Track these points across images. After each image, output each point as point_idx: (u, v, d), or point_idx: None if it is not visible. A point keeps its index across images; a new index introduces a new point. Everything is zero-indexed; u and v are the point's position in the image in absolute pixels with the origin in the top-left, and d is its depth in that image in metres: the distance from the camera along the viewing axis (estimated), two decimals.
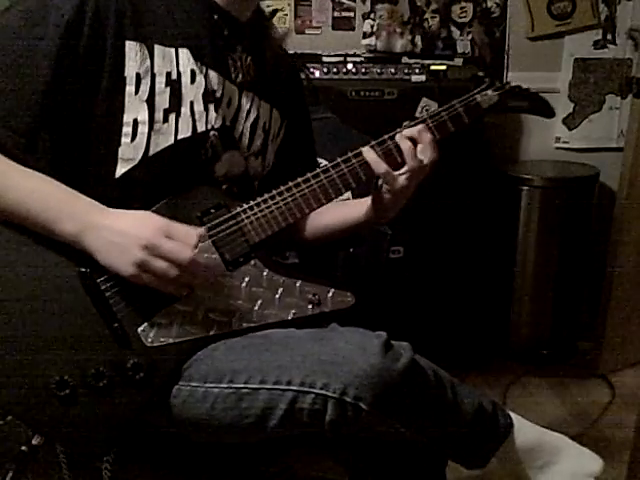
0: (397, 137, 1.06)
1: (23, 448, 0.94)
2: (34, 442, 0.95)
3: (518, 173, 2.42)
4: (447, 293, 2.30)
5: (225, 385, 0.97)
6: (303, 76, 2.07)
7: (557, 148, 2.65)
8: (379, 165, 1.05)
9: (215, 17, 1.07)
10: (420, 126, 1.06)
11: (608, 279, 2.37)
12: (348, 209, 1.21)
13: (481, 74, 2.19)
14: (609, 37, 2.53)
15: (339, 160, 1.06)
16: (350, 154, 1.06)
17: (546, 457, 1.11)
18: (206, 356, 1.01)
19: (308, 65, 2.12)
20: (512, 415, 1.11)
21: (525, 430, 1.10)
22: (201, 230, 1.00)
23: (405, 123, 1.08)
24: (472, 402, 1.05)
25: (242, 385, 0.96)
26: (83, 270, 0.96)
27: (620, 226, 2.30)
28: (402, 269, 2.22)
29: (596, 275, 2.48)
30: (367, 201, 1.16)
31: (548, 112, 1.15)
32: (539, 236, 2.42)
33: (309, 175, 1.05)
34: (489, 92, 1.10)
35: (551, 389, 2.35)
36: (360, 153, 1.06)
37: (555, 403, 2.26)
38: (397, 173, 1.06)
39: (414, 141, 1.06)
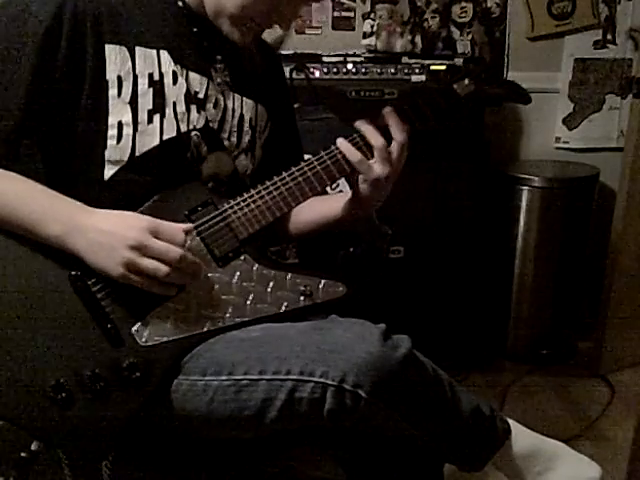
0: (361, 126, 1.06)
1: (23, 454, 0.94)
2: (33, 448, 0.94)
3: (518, 173, 2.42)
4: (447, 293, 2.30)
5: (224, 377, 0.98)
6: (303, 76, 2.09)
7: (557, 148, 2.65)
8: (353, 154, 1.04)
9: (195, 30, 1.08)
10: (387, 109, 1.06)
11: (608, 279, 2.37)
12: (331, 204, 1.21)
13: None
14: (609, 37, 2.53)
15: (322, 153, 1.06)
16: (333, 146, 1.06)
17: (544, 463, 1.11)
18: (205, 350, 1.02)
19: (308, 65, 2.12)
20: (510, 421, 1.11)
21: (523, 436, 1.10)
22: (188, 225, 1.00)
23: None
24: (470, 403, 1.05)
25: (241, 377, 0.97)
26: (73, 273, 0.96)
27: (620, 226, 2.30)
28: (402, 269, 2.22)
29: (596, 275, 2.48)
30: (349, 195, 1.16)
31: (524, 99, 1.16)
32: (539, 236, 2.42)
33: (294, 169, 1.06)
34: (465, 80, 1.10)
35: (551, 389, 2.35)
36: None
37: (555, 403, 2.26)
38: (371, 161, 1.05)
39: (383, 126, 1.05)
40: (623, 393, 2.30)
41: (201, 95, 1.08)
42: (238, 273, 1.04)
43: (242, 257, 1.05)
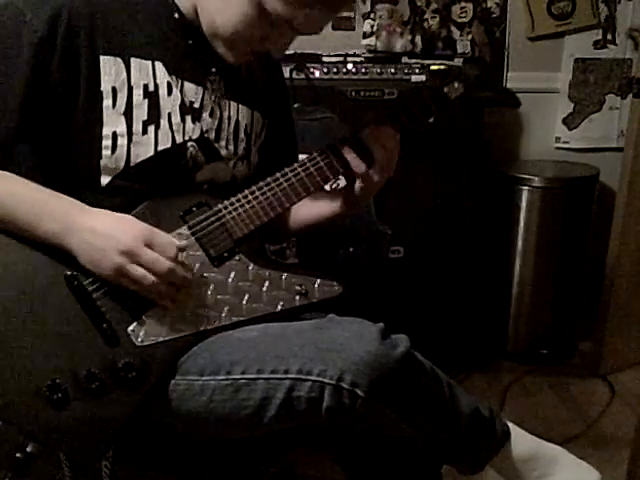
0: (363, 135, 1.07)
1: (18, 455, 0.93)
2: (29, 449, 0.94)
3: (518, 173, 2.42)
4: (447, 293, 2.30)
5: (222, 377, 0.98)
6: (303, 76, 2.09)
7: (557, 148, 2.65)
8: (357, 163, 1.06)
9: (190, 42, 1.07)
10: (384, 124, 1.08)
11: (608, 279, 2.37)
12: (326, 201, 1.21)
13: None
14: (609, 37, 2.53)
15: (315, 154, 1.08)
16: (327, 148, 1.08)
17: (543, 468, 1.10)
18: (203, 349, 1.02)
19: (308, 65, 2.12)
20: (509, 424, 1.11)
21: (522, 440, 1.10)
22: (183, 243, 1.01)
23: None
24: (469, 404, 1.05)
25: (239, 376, 0.97)
26: (69, 273, 0.97)
27: (620, 226, 2.30)
28: (402, 269, 2.22)
29: (596, 275, 2.48)
30: (339, 195, 1.17)
31: (513, 102, 1.18)
32: (539, 236, 2.42)
33: (287, 170, 1.07)
34: (455, 83, 1.11)
35: (551, 389, 2.35)
36: (335, 146, 1.07)
37: (555, 403, 2.26)
38: (372, 171, 1.08)
39: (379, 136, 1.07)
40: (623, 393, 2.30)
41: (197, 105, 1.08)
42: (233, 273, 1.05)
43: (237, 257, 1.05)
